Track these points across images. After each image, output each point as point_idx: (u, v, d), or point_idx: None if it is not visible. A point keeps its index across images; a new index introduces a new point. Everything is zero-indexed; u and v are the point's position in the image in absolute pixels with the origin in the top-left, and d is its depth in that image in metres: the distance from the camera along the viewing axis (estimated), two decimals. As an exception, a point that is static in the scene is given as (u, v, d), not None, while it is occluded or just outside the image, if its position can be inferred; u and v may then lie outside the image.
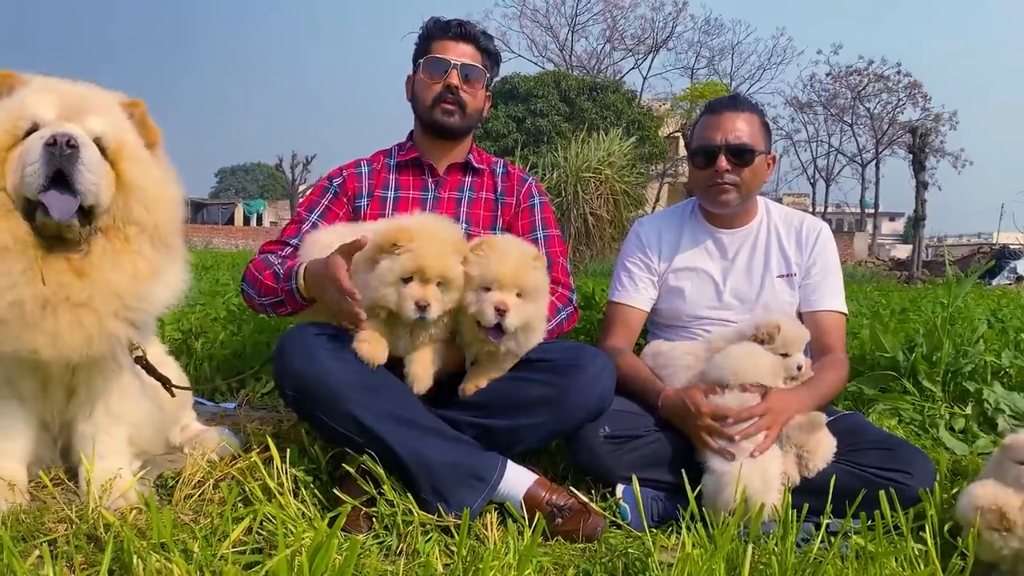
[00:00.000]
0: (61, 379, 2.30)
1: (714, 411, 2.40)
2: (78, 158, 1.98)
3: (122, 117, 2.16)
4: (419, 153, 2.95)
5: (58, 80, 2.16)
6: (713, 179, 2.79)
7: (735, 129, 2.76)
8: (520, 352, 2.43)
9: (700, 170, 2.83)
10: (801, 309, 2.85)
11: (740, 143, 2.75)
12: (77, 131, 2.01)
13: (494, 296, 2.28)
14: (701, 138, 2.84)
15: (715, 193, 2.81)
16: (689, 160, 2.95)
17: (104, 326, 2.09)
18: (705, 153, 2.80)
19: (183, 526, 2.07)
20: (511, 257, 2.34)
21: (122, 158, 2.09)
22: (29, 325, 2.01)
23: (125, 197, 2.09)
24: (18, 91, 2.06)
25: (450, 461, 2.27)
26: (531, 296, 2.35)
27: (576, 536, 2.26)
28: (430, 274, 2.26)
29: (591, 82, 30.08)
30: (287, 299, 2.52)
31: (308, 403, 2.29)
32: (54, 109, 2.04)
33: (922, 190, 21.44)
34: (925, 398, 3.52)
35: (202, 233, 36.18)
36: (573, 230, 13.59)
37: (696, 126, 2.93)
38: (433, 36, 2.89)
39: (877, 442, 2.45)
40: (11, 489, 2.18)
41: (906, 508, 2.13)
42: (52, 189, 1.98)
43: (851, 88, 42.72)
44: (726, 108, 2.83)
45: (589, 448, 2.48)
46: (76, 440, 2.37)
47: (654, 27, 41.31)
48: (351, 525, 2.17)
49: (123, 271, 2.11)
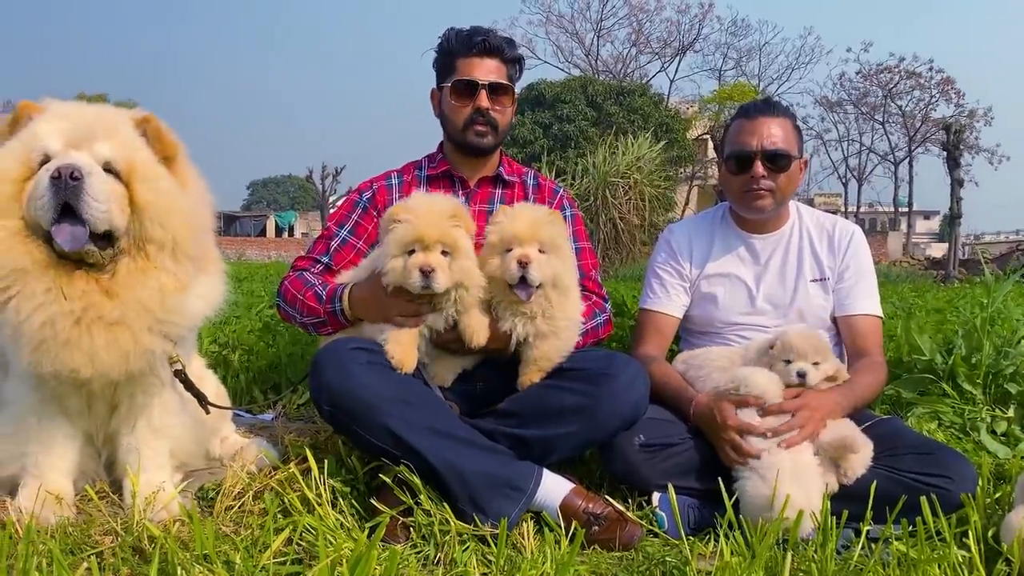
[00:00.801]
0: (104, 395, 2.34)
1: (740, 426, 2.39)
2: (83, 189, 2.01)
3: (133, 136, 2.17)
4: (450, 166, 2.96)
5: (71, 105, 2.21)
6: (749, 185, 2.77)
7: (770, 134, 2.74)
8: (556, 314, 2.47)
9: (735, 176, 2.81)
10: (836, 313, 2.83)
11: (776, 148, 2.73)
12: (82, 161, 2.04)
13: (515, 252, 2.39)
14: (736, 143, 2.81)
15: (751, 199, 2.79)
16: (722, 165, 2.92)
17: (140, 341, 2.15)
18: (740, 159, 2.78)
19: (224, 537, 2.10)
20: (524, 215, 2.47)
21: (134, 179, 2.11)
22: (66, 344, 2.06)
23: (140, 217, 2.12)
24: (34, 120, 2.11)
25: (486, 471, 2.28)
26: (553, 250, 2.44)
27: (613, 545, 2.26)
28: (428, 240, 2.35)
29: (618, 86, 30.00)
30: (330, 320, 2.57)
31: (344, 418, 2.31)
32: (62, 138, 2.08)
33: (957, 187, 21.06)
34: (965, 401, 3.45)
35: (235, 245, 36.61)
36: (602, 235, 13.57)
37: (729, 130, 2.90)
38: (456, 52, 2.83)
39: (915, 446, 2.42)
40: (59, 503, 2.23)
41: (948, 514, 2.10)
42: (63, 221, 2.03)
43: (882, 86, 42.15)
44: (760, 113, 2.79)
45: (624, 457, 2.47)
46: (120, 453, 2.42)
47: (680, 30, 41.09)
48: (389, 535, 2.18)
49: (150, 287, 2.15)
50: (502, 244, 2.42)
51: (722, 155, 2.92)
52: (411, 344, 2.41)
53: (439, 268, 2.34)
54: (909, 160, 43.52)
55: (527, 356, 2.50)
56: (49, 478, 2.29)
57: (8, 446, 2.36)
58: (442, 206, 2.43)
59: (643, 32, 41.21)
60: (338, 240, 2.84)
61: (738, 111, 2.92)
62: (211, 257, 2.36)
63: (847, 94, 44.06)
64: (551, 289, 2.44)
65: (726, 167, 2.86)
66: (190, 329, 2.37)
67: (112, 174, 2.09)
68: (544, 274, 2.40)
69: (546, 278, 2.41)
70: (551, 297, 2.45)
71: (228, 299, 2.45)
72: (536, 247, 2.40)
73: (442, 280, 2.35)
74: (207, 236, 2.33)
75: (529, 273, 2.37)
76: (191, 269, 2.23)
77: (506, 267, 2.39)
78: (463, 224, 2.43)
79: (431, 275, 2.33)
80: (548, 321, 2.47)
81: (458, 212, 2.44)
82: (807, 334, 2.60)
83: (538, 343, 2.48)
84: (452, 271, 2.37)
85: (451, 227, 2.39)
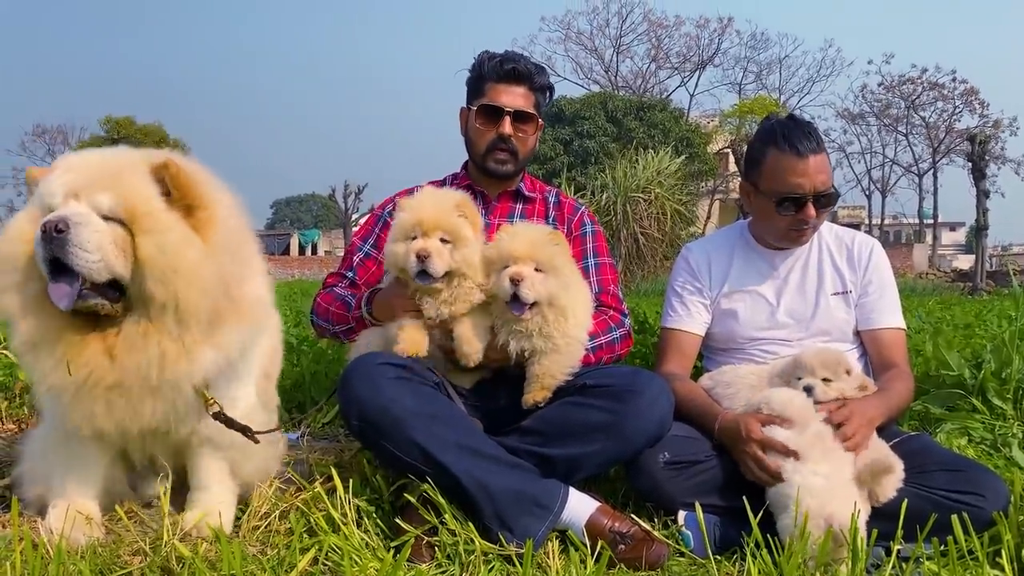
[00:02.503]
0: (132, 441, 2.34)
1: (764, 440, 2.37)
2: (67, 241, 1.93)
3: (141, 183, 2.05)
4: (472, 182, 3.02)
5: (82, 155, 2.16)
6: (799, 226, 2.72)
7: (820, 172, 2.65)
8: (553, 333, 2.46)
9: (784, 216, 2.72)
10: (860, 327, 2.81)
11: (827, 189, 2.68)
12: (73, 211, 1.97)
13: (509, 269, 2.41)
14: (787, 184, 2.66)
15: (797, 237, 2.78)
16: (752, 189, 2.81)
17: (138, 409, 2.10)
18: (795, 202, 2.68)
19: (252, 558, 2.11)
20: (522, 234, 2.50)
21: (137, 230, 2.01)
22: (68, 407, 2.10)
23: (141, 273, 2.00)
24: (44, 178, 2.09)
25: (513, 489, 2.28)
26: (551, 270, 2.45)
27: (639, 564, 2.23)
28: (427, 226, 2.40)
29: (638, 102, 30.11)
30: (357, 325, 2.69)
31: (372, 432, 2.32)
32: (63, 190, 2.02)
33: (983, 198, 20.86)
34: (995, 416, 3.41)
35: (259, 264, 36.84)
36: (624, 250, 13.57)
37: (768, 159, 2.71)
38: (486, 77, 2.90)
39: (945, 463, 2.39)
40: (88, 523, 2.25)
41: (980, 532, 2.06)
42: (60, 277, 1.98)
43: (904, 97, 41.89)
44: (809, 152, 2.64)
45: (650, 474, 2.46)
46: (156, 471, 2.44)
47: (699, 44, 41.29)
48: (414, 555, 2.18)
49: (149, 353, 2.04)
50: (500, 261, 2.45)
51: (755, 178, 2.78)
52: (416, 329, 2.46)
53: (435, 253, 2.39)
54: (933, 171, 43.16)
55: (530, 373, 2.51)
56: (76, 500, 2.30)
57: (37, 464, 2.40)
58: (446, 196, 2.52)
59: (662, 47, 41.44)
60: (360, 254, 2.96)
61: (781, 140, 2.68)
62: (241, 309, 2.20)
63: (869, 106, 43.88)
64: (547, 308, 2.45)
65: (775, 207, 2.71)
66: (203, 386, 2.21)
67: (116, 222, 2.00)
68: (538, 292, 2.41)
69: (541, 296, 2.42)
70: (547, 316, 2.46)
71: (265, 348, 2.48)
72: (532, 266, 2.42)
73: (438, 265, 2.39)
74: (233, 289, 2.16)
75: (521, 290, 2.38)
76: (201, 332, 2.09)
77: (499, 283, 2.42)
78: (467, 214, 2.48)
79: (427, 260, 2.37)
80: (544, 339, 2.46)
81: (463, 203, 2.50)
82: (820, 350, 2.60)
83: (540, 359, 2.49)
84: (453, 259, 2.43)
85: (453, 216, 2.45)
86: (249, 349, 2.33)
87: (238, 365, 2.32)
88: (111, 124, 44.30)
